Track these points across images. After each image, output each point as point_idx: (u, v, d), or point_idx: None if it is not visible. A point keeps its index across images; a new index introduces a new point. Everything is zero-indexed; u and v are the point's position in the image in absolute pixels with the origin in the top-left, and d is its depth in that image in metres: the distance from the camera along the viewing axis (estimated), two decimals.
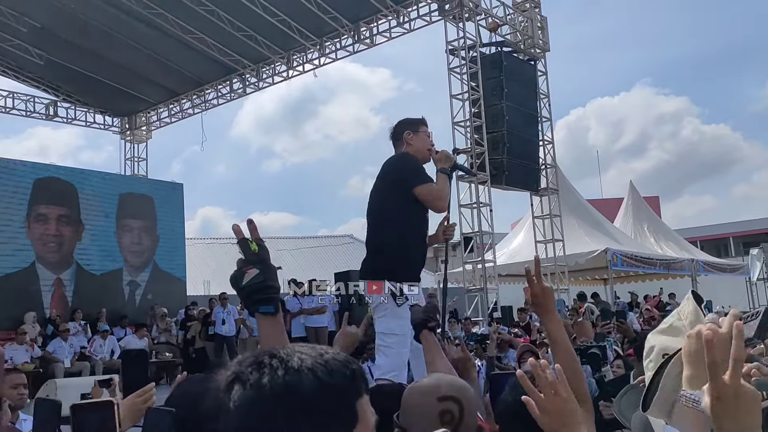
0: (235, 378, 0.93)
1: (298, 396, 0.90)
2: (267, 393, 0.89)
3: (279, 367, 0.92)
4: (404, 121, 4.18)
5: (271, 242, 18.52)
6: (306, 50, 16.89)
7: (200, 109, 19.46)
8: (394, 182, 3.94)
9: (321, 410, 0.90)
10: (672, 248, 18.66)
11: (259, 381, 0.91)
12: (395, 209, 3.91)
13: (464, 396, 1.59)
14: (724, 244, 39.90)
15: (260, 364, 0.93)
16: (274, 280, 1.61)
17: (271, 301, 1.59)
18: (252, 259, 1.60)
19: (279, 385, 0.90)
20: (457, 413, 1.54)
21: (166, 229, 16.55)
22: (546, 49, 15.94)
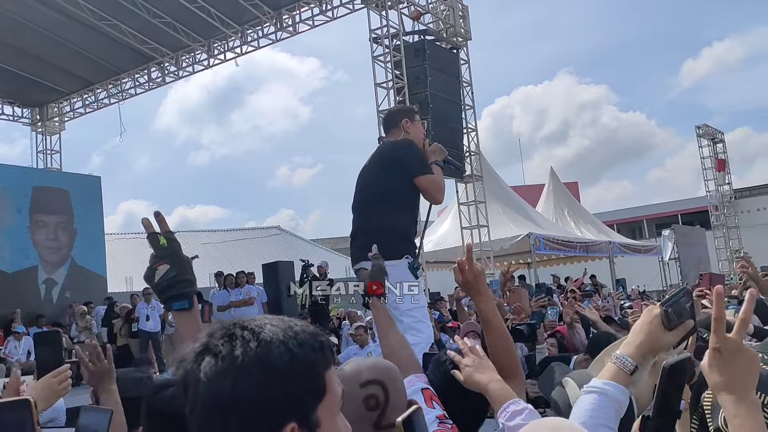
0: (205, 349, 0.92)
1: (271, 367, 0.90)
2: (239, 364, 0.89)
3: (251, 339, 0.91)
4: (401, 109, 4.29)
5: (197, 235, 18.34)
6: (227, 38, 16.52)
7: (117, 99, 18.76)
8: (399, 167, 3.94)
9: (293, 381, 0.91)
10: (591, 231, 19.36)
11: (231, 352, 0.90)
12: (397, 193, 3.92)
13: (388, 377, 1.57)
14: (638, 227, 41.70)
15: (232, 336, 0.92)
16: (188, 274, 1.57)
17: (184, 296, 1.54)
18: (162, 254, 1.56)
19: (251, 356, 0.90)
20: (382, 396, 1.53)
21: (83, 224, 15.92)
22: (468, 37, 16.15)
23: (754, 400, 1.17)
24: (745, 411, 1.15)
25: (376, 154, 4.11)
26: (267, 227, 36.62)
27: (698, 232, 25.13)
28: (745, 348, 1.17)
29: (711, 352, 1.18)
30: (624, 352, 1.37)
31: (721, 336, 1.16)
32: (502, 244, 16.01)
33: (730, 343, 1.16)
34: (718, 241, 26.76)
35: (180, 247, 1.60)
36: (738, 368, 1.16)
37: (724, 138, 27.33)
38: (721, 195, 27.00)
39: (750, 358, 1.18)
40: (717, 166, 26.73)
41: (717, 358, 1.17)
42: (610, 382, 1.36)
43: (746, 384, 1.17)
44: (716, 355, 1.17)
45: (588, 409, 1.34)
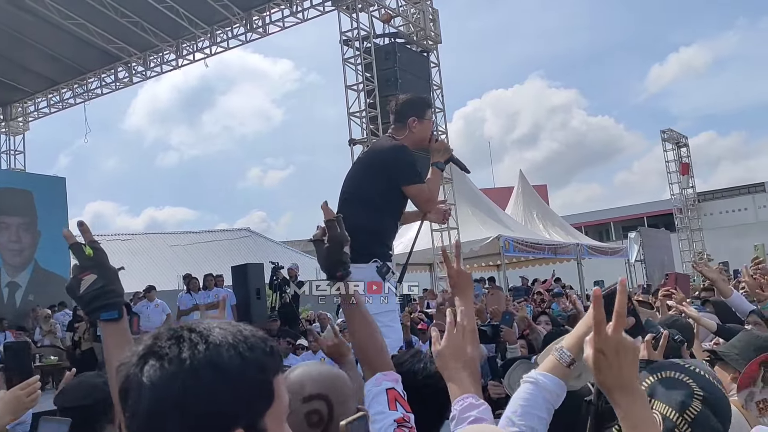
0: (149, 352, 0.89)
1: (220, 371, 0.87)
2: (187, 367, 0.86)
3: (199, 341, 0.89)
4: (412, 102, 3.98)
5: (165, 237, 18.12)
6: (196, 39, 16.37)
7: (82, 98, 18.46)
8: (387, 172, 3.79)
9: (242, 386, 0.88)
10: (559, 234, 19.56)
11: (178, 355, 0.87)
12: (380, 196, 3.78)
13: (334, 391, 1.52)
14: (605, 229, 42.34)
15: (179, 339, 0.89)
16: (115, 284, 1.53)
17: (113, 306, 1.50)
18: (87, 264, 1.51)
19: (200, 359, 0.87)
20: (325, 411, 1.48)
21: (48, 225, 15.61)
22: (438, 41, 16.23)
23: (642, 391, 1.22)
24: (639, 403, 1.18)
25: (367, 154, 4.02)
26: (237, 229, 36.31)
27: (663, 235, 25.56)
28: (626, 341, 1.18)
29: (594, 354, 1.18)
30: (564, 345, 1.40)
31: (602, 336, 1.17)
32: (472, 246, 16.09)
33: (611, 342, 1.17)
34: (682, 243, 27.26)
35: (106, 257, 1.55)
36: (624, 363, 1.18)
37: (688, 142, 27.87)
38: (685, 198, 27.51)
39: (632, 350, 1.19)
40: (681, 169, 27.23)
41: (601, 359, 1.18)
42: (544, 373, 1.39)
43: (633, 377, 1.19)
44: (599, 356, 1.18)
45: (521, 398, 1.39)
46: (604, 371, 1.18)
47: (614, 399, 1.19)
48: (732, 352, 2.44)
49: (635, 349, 1.20)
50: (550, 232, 19.37)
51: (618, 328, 1.18)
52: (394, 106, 3.98)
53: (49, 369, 12.08)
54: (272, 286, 12.88)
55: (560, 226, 20.64)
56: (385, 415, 1.71)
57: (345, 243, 1.97)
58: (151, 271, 25.59)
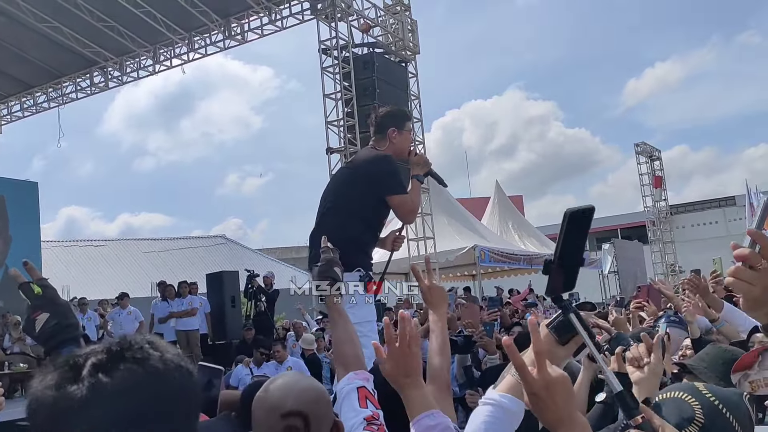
0: (95, 366, 0.85)
1: (170, 385, 0.87)
2: (141, 380, 0.84)
3: (149, 356, 0.87)
4: (392, 114, 4.03)
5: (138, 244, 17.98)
6: (173, 44, 16.28)
7: (57, 103, 18.24)
8: (371, 183, 3.84)
9: (191, 398, 0.89)
10: (534, 244, 19.72)
11: (121, 374, 0.84)
12: (364, 207, 3.83)
13: (312, 408, 1.53)
14: None
15: (124, 351, 0.87)
16: (69, 318, 1.54)
17: (70, 341, 1.51)
18: (38, 303, 1.54)
19: (153, 372, 0.86)
20: (302, 428, 1.50)
21: (19, 231, 15.35)
22: (416, 51, 16.33)
23: (584, 421, 1.21)
24: (579, 429, 1.18)
25: (353, 163, 4.06)
26: (212, 236, 36.07)
27: (636, 246, 25.90)
28: (552, 377, 1.17)
29: (529, 398, 1.19)
30: (514, 371, 1.37)
31: (529, 380, 1.18)
32: (448, 256, 16.17)
33: (539, 382, 1.17)
34: (655, 255, 27.62)
35: (56, 293, 1.58)
36: (557, 398, 1.17)
37: (661, 156, 28.30)
38: (657, 211, 27.89)
39: (561, 383, 1.18)
40: (654, 182, 27.63)
41: (536, 401, 1.18)
42: (504, 394, 1.38)
43: (571, 409, 1.19)
44: (534, 398, 1.18)
45: (482, 421, 1.37)
46: (544, 412, 1.18)
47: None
48: (700, 366, 2.50)
49: (564, 380, 1.19)
50: (525, 243, 19.53)
51: (541, 368, 1.18)
52: (374, 118, 4.05)
53: (18, 376, 11.85)
54: (247, 294, 12.81)
55: (535, 236, 20.81)
56: (356, 412, 1.75)
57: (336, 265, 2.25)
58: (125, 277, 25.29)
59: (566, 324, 1.37)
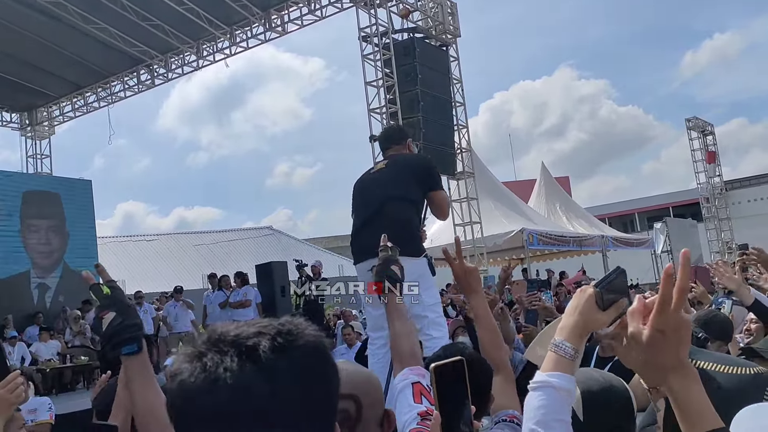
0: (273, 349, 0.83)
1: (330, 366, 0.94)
2: None
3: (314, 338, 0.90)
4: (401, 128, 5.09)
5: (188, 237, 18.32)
6: (216, 39, 16.49)
7: (106, 102, 18.70)
8: (424, 178, 4.22)
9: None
10: (583, 226, 19.42)
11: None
12: (419, 200, 4.20)
13: (363, 391, 1.52)
14: (630, 220, 41.85)
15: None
16: (134, 318, 1.61)
17: (132, 340, 1.57)
18: (106, 303, 1.60)
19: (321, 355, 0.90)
20: (354, 411, 1.48)
21: (76, 227, 15.87)
22: (457, 34, 16.16)
23: (697, 373, 1.15)
24: (696, 386, 1.13)
25: (401, 161, 4.31)
26: (259, 227, 36.58)
27: (690, 225, 25.24)
28: (684, 318, 1.13)
29: (653, 331, 1.13)
30: (561, 338, 1.32)
31: (664, 316, 1.12)
32: (495, 240, 16.05)
33: (672, 319, 1.12)
34: (710, 233, 26.89)
35: (123, 294, 1.66)
36: (682, 341, 1.13)
37: (714, 130, 27.46)
38: (711, 187, 27.13)
39: (689, 327, 1.15)
40: (707, 158, 26.86)
41: (659, 338, 1.13)
42: (554, 374, 1.31)
43: (686, 357, 1.14)
44: (658, 336, 1.13)
45: (538, 406, 1.31)
46: (663, 352, 1.13)
47: (670, 383, 1.14)
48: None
49: (689, 324, 1.16)
50: (573, 224, 19.24)
51: (679, 306, 1.13)
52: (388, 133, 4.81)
53: (80, 369, 12.30)
54: (298, 283, 12.96)
55: (583, 217, 20.48)
56: (410, 407, 1.75)
57: (394, 263, 2.25)
58: (177, 270, 25.90)
59: (614, 285, 1.33)
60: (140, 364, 1.59)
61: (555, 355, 1.32)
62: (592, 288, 1.32)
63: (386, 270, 2.19)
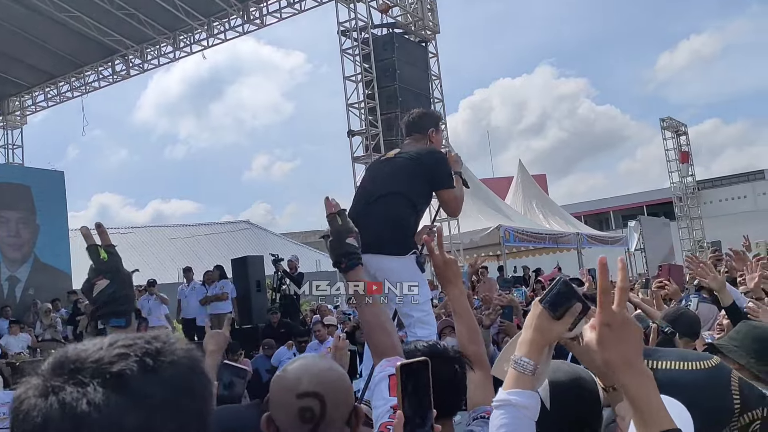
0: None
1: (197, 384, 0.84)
2: None
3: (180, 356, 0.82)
4: (429, 115, 4.37)
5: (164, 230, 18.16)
6: (193, 30, 16.30)
7: (80, 92, 18.41)
8: (431, 175, 4.07)
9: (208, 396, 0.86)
10: (559, 223, 19.55)
11: None
12: (420, 196, 4.06)
13: (329, 390, 1.50)
14: (605, 218, 42.34)
15: None
16: (127, 290, 1.55)
17: (122, 313, 1.52)
18: (102, 269, 1.53)
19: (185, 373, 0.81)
20: (318, 410, 1.47)
21: (47, 219, 15.60)
22: (436, 30, 16.15)
23: (650, 372, 1.16)
24: (648, 384, 1.13)
25: (409, 155, 4.15)
26: (236, 221, 36.30)
27: (663, 223, 25.57)
28: (630, 319, 1.16)
29: (600, 329, 1.14)
30: (520, 354, 1.33)
31: (608, 310, 1.14)
32: (472, 237, 16.09)
33: (618, 315, 1.14)
34: (682, 232, 27.27)
35: (121, 262, 1.56)
36: (630, 338, 1.14)
37: (688, 131, 27.84)
38: (684, 186, 27.50)
39: (636, 327, 1.17)
40: (680, 158, 27.21)
41: (607, 333, 1.14)
42: (514, 391, 1.31)
43: (639, 354, 1.15)
44: (606, 330, 1.14)
45: (499, 425, 1.31)
46: (612, 346, 1.14)
47: (621, 380, 1.14)
48: (730, 345, 2.43)
49: (639, 329, 1.17)
50: (549, 222, 19.36)
51: (622, 303, 1.15)
52: (410, 118, 4.32)
53: None
54: (274, 278, 12.90)
55: (560, 215, 20.63)
56: (385, 401, 1.73)
57: (347, 235, 2.01)
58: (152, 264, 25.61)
59: (560, 295, 1.33)
60: None
61: (515, 371, 1.32)
62: (538, 304, 1.34)
63: (342, 247, 2.01)
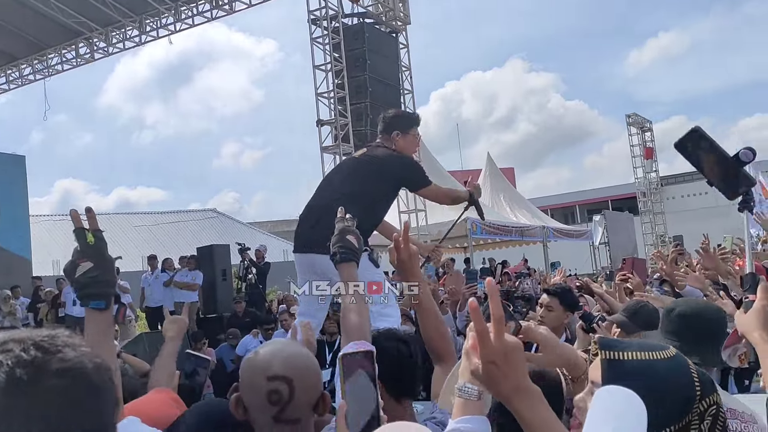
0: None
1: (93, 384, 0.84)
2: None
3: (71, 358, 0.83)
4: (400, 118, 4.36)
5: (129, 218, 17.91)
6: (160, 15, 16.01)
7: (42, 75, 17.98)
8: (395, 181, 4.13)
9: None
10: (525, 216, 19.73)
11: None
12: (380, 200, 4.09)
13: (298, 374, 1.54)
14: (571, 212, 42.89)
15: None
16: (109, 274, 1.59)
17: (102, 296, 1.57)
18: (87, 252, 1.57)
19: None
20: (286, 394, 1.51)
21: (7, 204, 15.22)
22: (407, 21, 16.13)
23: (536, 388, 1.16)
24: (537, 402, 1.15)
25: (373, 157, 4.14)
26: (203, 210, 35.94)
27: (627, 218, 25.99)
28: (511, 343, 1.15)
29: (485, 367, 1.15)
30: (464, 381, 1.33)
31: (488, 347, 1.14)
32: (440, 228, 16.15)
33: (499, 349, 1.14)
34: (645, 227, 27.74)
35: (106, 247, 1.61)
36: (515, 366, 1.15)
37: (652, 127, 28.28)
38: (648, 182, 27.96)
39: (519, 349, 1.16)
40: (645, 154, 27.64)
41: (493, 369, 1.15)
42: (463, 419, 1.31)
43: (524, 376, 1.16)
44: (492, 367, 1.14)
45: None
46: (500, 381, 1.15)
47: (514, 406, 1.15)
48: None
49: (521, 347, 1.17)
50: (516, 215, 19.53)
51: (499, 334, 1.14)
52: (382, 118, 4.35)
53: None
54: (240, 267, 12.81)
55: (527, 208, 20.82)
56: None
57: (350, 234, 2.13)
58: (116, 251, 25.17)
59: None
60: (103, 322, 1.58)
61: (461, 399, 1.32)
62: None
63: (342, 241, 2.13)
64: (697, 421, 1.22)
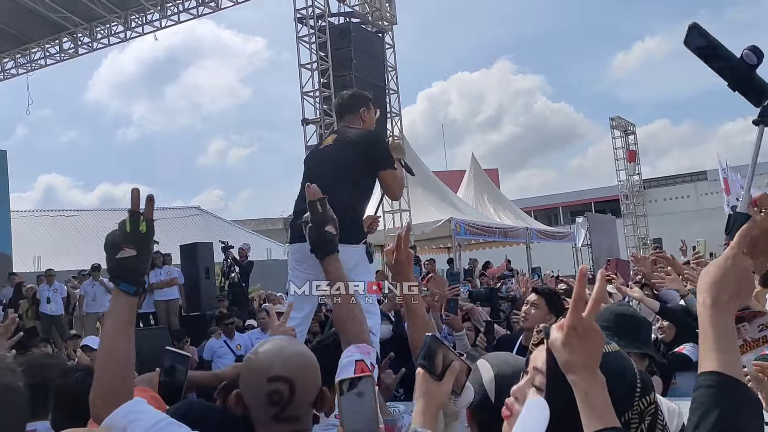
0: None
1: None
2: None
3: None
4: (358, 96, 4.30)
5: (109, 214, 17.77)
6: (145, 10, 15.91)
7: (25, 69, 17.80)
8: (367, 157, 3.95)
9: None
10: (509, 217, 19.83)
11: None
12: (365, 182, 3.96)
13: (298, 374, 1.55)
14: (554, 214, 43.15)
15: None
16: (146, 266, 1.63)
17: (134, 282, 1.60)
18: (135, 239, 1.59)
19: None
20: (286, 394, 1.52)
21: None
22: (393, 21, 16.14)
23: (603, 377, 1.20)
24: (600, 386, 1.18)
25: (347, 139, 4.03)
26: (186, 207, 35.72)
27: (609, 220, 26.20)
28: (595, 327, 1.20)
29: (567, 331, 1.20)
30: (416, 425, 1.36)
31: (578, 316, 1.19)
32: (424, 229, 16.19)
33: (586, 321, 1.19)
34: (627, 229, 27.98)
35: (152, 238, 1.64)
36: (592, 342, 1.20)
37: (636, 130, 28.54)
38: (631, 185, 28.20)
39: (600, 335, 1.22)
40: (628, 156, 27.89)
41: (573, 336, 1.19)
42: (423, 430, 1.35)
43: (597, 358, 1.21)
44: (572, 333, 1.19)
45: None
46: (574, 348, 1.19)
47: (576, 379, 1.19)
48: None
49: (602, 338, 1.22)
50: (500, 216, 19.63)
51: (592, 310, 1.19)
52: (340, 101, 4.30)
53: None
54: (224, 266, 12.76)
55: (510, 210, 20.93)
56: None
57: (326, 224, 2.04)
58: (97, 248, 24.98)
59: (430, 349, 1.38)
60: (126, 310, 1.60)
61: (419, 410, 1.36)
62: (419, 366, 1.38)
63: (322, 234, 2.03)
64: (637, 420, 1.26)
